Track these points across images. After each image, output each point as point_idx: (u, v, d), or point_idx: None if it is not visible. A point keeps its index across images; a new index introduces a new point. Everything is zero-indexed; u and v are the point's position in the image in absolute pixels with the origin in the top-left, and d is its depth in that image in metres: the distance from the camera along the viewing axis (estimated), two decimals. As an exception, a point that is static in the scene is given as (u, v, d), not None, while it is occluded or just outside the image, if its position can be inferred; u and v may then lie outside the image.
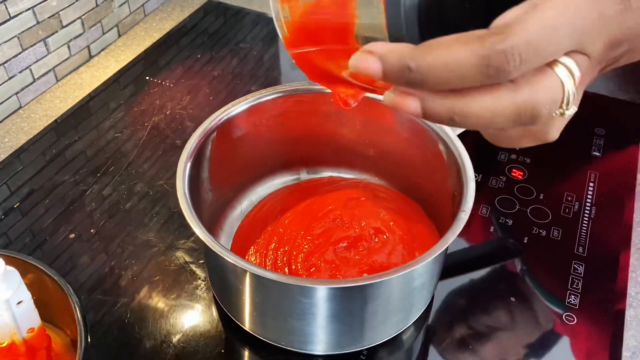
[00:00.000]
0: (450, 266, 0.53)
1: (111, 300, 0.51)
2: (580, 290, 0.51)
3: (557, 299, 0.51)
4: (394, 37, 0.27)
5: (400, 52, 0.25)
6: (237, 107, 0.50)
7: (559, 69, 0.25)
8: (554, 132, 0.28)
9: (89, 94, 0.73)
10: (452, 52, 0.24)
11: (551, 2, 0.24)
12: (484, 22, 0.25)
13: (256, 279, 0.41)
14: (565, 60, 0.25)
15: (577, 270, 0.53)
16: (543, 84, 0.25)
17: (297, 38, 0.34)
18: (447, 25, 0.27)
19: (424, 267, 0.42)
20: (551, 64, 0.25)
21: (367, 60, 0.25)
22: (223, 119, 0.49)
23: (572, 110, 0.26)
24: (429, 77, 0.24)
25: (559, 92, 0.25)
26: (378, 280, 0.39)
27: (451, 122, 0.26)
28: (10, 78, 0.69)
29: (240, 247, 0.51)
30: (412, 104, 0.26)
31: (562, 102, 0.25)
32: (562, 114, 0.26)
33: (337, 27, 0.31)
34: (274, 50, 0.82)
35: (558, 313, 0.50)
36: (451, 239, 0.41)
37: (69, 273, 0.53)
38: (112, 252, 0.55)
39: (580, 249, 0.55)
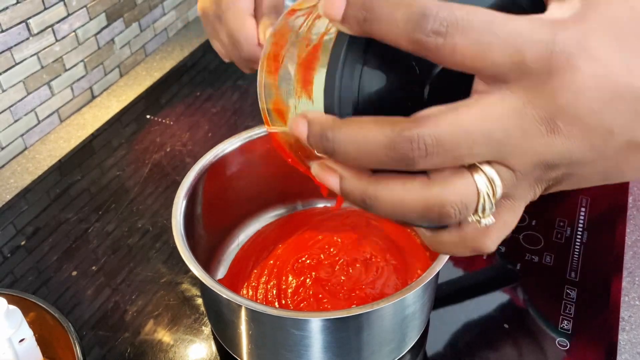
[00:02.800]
0: (444, 295, 0.54)
1: (113, 335, 0.52)
2: (573, 316, 0.52)
3: (550, 324, 0.51)
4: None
5: (324, 120, 0.26)
6: (230, 145, 0.52)
7: (478, 175, 0.25)
8: (489, 244, 0.28)
9: (92, 134, 0.76)
10: (365, 129, 0.25)
11: (471, 108, 0.24)
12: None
13: (249, 313, 0.42)
14: (486, 168, 0.25)
15: (570, 295, 0.53)
16: (456, 185, 0.25)
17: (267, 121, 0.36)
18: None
19: (413, 296, 0.43)
20: (471, 169, 0.25)
21: (298, 123, 0.27)
22: (217, 157, 0.51)
23: (489, 220, 0.26)
24: (340, 148, 0.25)
25: (472, 195, 0.25)
26: (368, 311, 0.40)
27: (363, 205, 0.26)
28: (15, 121, 0.71)
29: (234, 280, 0.52)
30: (331, 179, 0.27)
31: (477, 208, 0.25)
32: (479, 222, 0.26)
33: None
34: (271, 86, 0.84)
35: (551, 339, 0.50)
36: (438, 267, 0.42)
37: (73, 310, 0.54)
38: (115, 288, 0.56)
39: (573, 274, 0.55)
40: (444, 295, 0.53)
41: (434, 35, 0.23)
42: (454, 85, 0.26)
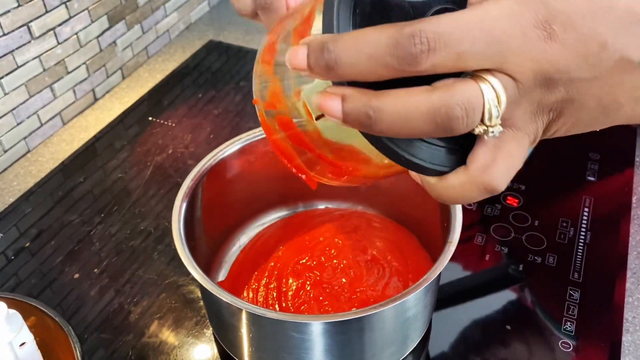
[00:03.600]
0: (446, 296, 0.53)
1: (115, 338, 0.52)
2: (576, 317, 0.51)
3: (553, 325, 0.51)
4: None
5: (324, 37, 0.26)
6: (230, 147, 0.52)
7: (482, 83, 0.25)
8: (498, 176, 0.27)
9: (94, 136, 0.76)
10: (366, 33, 0.25)
11: (470, 11, 0.25)
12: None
13: (250, 316, 0.42)
14: (489, 77, 0.25)
15: (573, 296, 0.53)
16: (460, 87, 0.25)
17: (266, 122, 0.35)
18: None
19: (415, 298, 0.43)
20: (475, 78, 0.25)
21: (297, 50, 0.26)
22: (217, 159, 0.51)
23: (497, 129, 0.26)
24: (342, 55, 0.25)
25: (477, 98, 0.25)
26: (369, 314, 0.40)
27: (367, 120, 0.25)
28: (18, 124, 0.72)
29: (235, 282, 0.52)
30: (333, 103, 0.26)
31: (484, 114, 0.25)
32: (486, 132, 0.26)
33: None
34: (273, 87, 0.84)
35: (555, 340, 0.50)
36: (439, 270, 0.41)
37: (75, 312, 0.54)
38: (117, 290, 0.56)
39: (576, 275, 0.55)
40: (446, 296, 0.53)
41: None
42: None
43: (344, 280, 0.50)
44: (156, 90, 0.83)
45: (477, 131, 0.26)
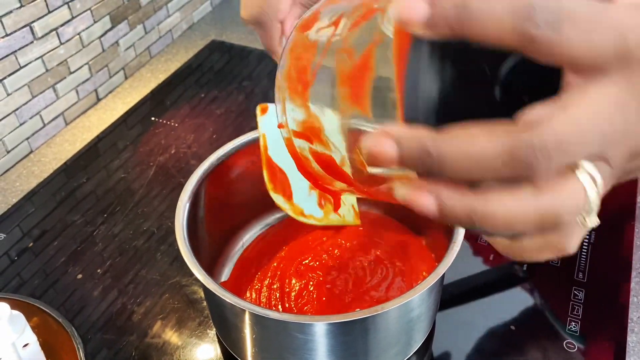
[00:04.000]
0: (450, 296, 0.53)
1: (118, 339, 0.52)
2: (581, 317, 0.51)
3: (558, 326, 0.51)
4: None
5: (419, 135, 0.23)
6: (233, 147, 0.52)
7: (582, 175, 0.23)
8: (574, 243, 0.26)
9: (97, 136, 0.76)
10: (477, 139, 0.22)
11: (581, 105, 0.23)
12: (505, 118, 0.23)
13: (253, 317, 0.42)
14: (587, 165, 0.23)
15: (578, 296, 0.53)
16: (566, 189, 0.23)
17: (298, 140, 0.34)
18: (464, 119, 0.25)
19: (419, 298, 0.42)
20: (572, 167, 0.23)
21: (383, 143, 0.24)
22: (221, 160, 0.51)
23: (593, 221, 0.24)
24: (449, 165, 0.23)
25: (582, 198, 0.23)
26: (372, 315, 0.39)
27: (469, 223, 0.24)
28: (21, 124, 0.72)
29: (238, 282, 0.52)
30: (427, 201, 0.24)
31: (584, 210, 0.24)
32: (583, 224, 0.24)
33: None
34: (276, 86, 0.84)
35: (559, 340, 0.50)
36: (443, 270, 0.41)
37: (78, 313, 0.54)
38: (120, 291, 0.56)
39: (580, 275, 0.55)
40: (450, 296, 0.53)
41: (545, 27, 0.21)
42: (524, 82, 0.25)
43: (347, 280, 0.50)
44: (159, 90, 0.83)
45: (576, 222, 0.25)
